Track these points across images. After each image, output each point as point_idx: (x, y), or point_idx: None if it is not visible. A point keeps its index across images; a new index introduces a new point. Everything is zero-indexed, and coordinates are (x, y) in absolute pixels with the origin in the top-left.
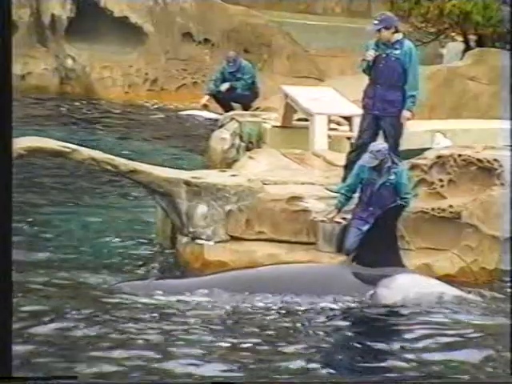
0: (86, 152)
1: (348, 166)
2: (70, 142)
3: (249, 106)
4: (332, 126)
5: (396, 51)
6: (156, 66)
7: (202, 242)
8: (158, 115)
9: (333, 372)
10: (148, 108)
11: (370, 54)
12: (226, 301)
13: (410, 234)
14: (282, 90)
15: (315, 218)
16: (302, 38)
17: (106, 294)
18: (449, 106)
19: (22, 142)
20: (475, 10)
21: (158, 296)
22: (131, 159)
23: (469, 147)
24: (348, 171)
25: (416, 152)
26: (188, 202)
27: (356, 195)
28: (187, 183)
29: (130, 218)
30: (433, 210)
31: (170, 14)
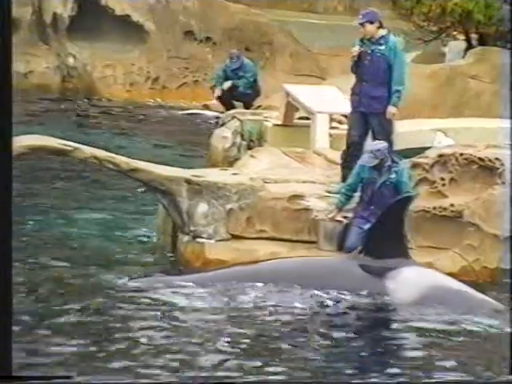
0: (88, 150)
1: (343, 165)
2: (71, 140)
3: (250, 104)
4: (333, 124)
5: (381, 47)
6: (157, 65)
7: (202, 240)
8: (160, 113)
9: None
10: (149, 106)
11: (354, 50)
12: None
13: (412, 232)
14: (284, 89)
15: (316, 217)
16: (304, 37)
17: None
18: (450, 104)
19: (24, 141)
20: (477, 9)
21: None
22: (131, 157)
23: (470, 146)
24: (344, 170)
25: (417, 151)
26: (189, 201)
27: (357, 194)
28: (188, 181)
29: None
30: (434, 208)
31: (172, 12)
